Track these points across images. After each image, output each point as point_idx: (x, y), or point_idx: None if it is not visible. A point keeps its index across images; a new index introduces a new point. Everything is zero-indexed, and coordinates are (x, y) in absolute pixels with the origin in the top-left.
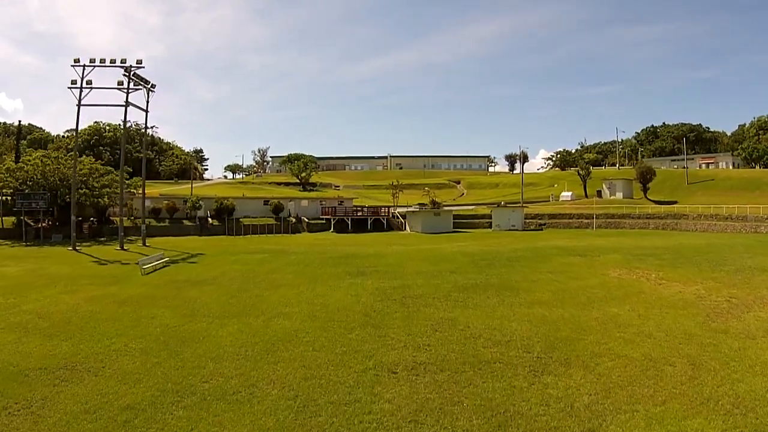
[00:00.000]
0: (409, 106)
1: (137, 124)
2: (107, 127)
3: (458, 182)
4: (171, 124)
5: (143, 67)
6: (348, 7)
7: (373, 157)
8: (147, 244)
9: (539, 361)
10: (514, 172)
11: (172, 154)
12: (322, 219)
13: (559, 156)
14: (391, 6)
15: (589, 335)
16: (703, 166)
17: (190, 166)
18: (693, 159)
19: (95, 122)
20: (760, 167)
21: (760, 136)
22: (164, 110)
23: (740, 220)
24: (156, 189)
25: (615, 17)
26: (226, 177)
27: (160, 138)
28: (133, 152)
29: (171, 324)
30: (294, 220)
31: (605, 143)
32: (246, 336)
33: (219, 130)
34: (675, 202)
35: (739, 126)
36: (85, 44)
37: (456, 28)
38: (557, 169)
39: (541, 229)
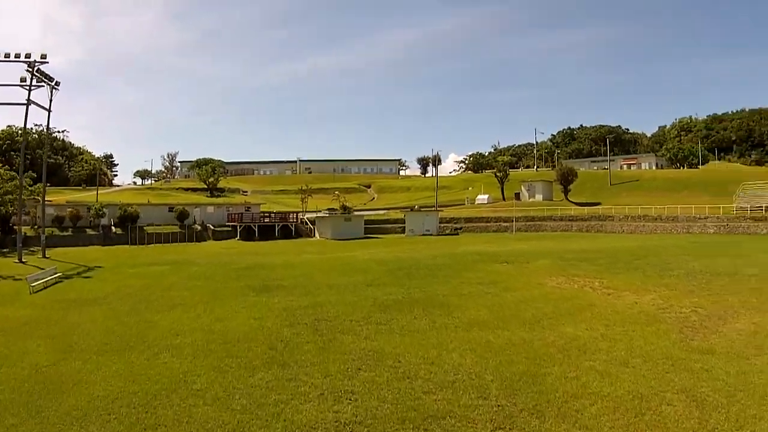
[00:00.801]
0: (317, 111)
1: (49, 129)
2: (20, 131)
3: (369, 186)
4: (88, 129)
5: (47, 62)
6: (258, 12)
7: (282, 162)
8: (47, 256)
9: (502, 412)
10: (427, 175)
11: (82, 159)
12: (228, 226)
13: (472, 159)
14: (308, 12)
15: (553, 366)
16: (625, 167)
17: (98, 171)
18: (614, 160)
19: (8, 126)
20: (685, 168)
21: (683, 137)
22: (82, 114)
23: (671, 221)
24: (64, 196)
25: (527, 23)
26: (135, 183)
27: (70, 143)
28: (43, 157)
29: (42, 363)
30: (199, 227)
31: (519, 146)
32: (124, 381)
33: (135, 134)
34: (598, 204)
35: (659, 128)
36: (8, 47)
37: (372, 35)
38: (470, 172)
39: (457, 234)
